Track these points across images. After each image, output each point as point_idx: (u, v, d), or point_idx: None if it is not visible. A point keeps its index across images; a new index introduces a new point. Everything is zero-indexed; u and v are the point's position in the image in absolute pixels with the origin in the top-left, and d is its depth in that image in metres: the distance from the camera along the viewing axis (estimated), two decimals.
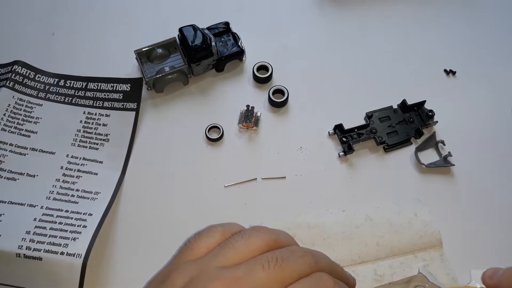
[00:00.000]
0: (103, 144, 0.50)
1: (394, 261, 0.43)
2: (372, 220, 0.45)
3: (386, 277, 0.42)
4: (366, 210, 0.46)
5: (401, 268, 0.43)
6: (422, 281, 0.41)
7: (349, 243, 0.44)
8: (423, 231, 0.44)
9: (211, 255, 0.25)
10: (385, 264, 0.43)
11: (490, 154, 0.50)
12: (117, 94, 0.53)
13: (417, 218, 0.45)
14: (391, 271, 0.43)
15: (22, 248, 0.40)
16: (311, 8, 0.62)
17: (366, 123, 0.51)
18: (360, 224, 0.45)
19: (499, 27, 0.59)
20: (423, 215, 0.45)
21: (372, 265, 0.43)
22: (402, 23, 0.60)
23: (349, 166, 0.50)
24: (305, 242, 0.44)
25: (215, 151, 0.51)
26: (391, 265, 0.43)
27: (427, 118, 0.51)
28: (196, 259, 0.25)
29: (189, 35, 0.52)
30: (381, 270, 0.43)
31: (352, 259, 0.43)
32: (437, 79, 0.56)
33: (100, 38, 0.59)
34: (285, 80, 0.55)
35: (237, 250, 0.25)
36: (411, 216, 0.45)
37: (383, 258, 0.44)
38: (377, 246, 0.44)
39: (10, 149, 0.48)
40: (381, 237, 0.44)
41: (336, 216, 0.46)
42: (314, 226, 0.45)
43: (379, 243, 0.44)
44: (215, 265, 0.24)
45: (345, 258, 0.43)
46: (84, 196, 0.46)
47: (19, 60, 0.54)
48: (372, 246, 0.44)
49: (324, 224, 0.45)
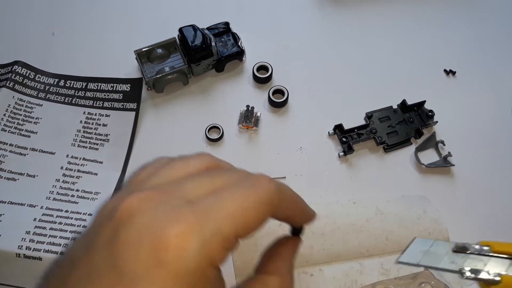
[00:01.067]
0: (103, 144, 0.50)
1: None
2: (383, 214, 0.45)
3: (393, 271, 0.42)
4: (377, 203, 0.46)
5: None
6: (428, 277, 0.42)
7: (358, 236, 0.44)
8: (432, 228, 0.44)
9: (147, 176, 0.24)
10: (392, 258, 0.43)
11: (490, 154, 0.50)
12: (117, 94, 0.53)
13: (426, 215, 0.45)
14: (398, 266, 0.43)
15: (22, 248, 0.40)
16: (311, 8, 0.62)
17: (366, 123, 0.51)
18: (371, 217, 0.45)
19: (499, 27, 0.59)
20: (432, 213, 0.45)
21: (379, 259, 0.43)
22: (402, 23, 0.60)
23: (349, 166, 0.50)
24: (315, 231, 0.44)
25: (215, 151, 0.51)
26: None
27: (427, 118, 0.51)
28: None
29: (189, 35, 0.52)
30: (388, 265, 0.43)
31: (360, 252, 0.43)
32: (437, 79, 0.56)
33: (100, 38, 0.59)
34: (285, 80, 0.55)
35: (173, 168, 0.24)
36: (420, 212, 0.45)
37: (390, 253, 0.44)
38: (386, 240, 0.44)
39: (10, 149, 0.48)
40: (391, 231, 0.44)
41: (347, 208, 0.46)
42: (324, 216, 0.45)
43: (388, 238, 0.44)
44: (148, 183, 0.23)
45: (354, 250, 0.43)
46: (84, 196, 0.46)
47: (19, 60, 0.54)
48: (381, 240, 0.44)
49: (334, 215, 0.45)
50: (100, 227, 0.21)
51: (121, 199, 0.21)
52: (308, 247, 0.43)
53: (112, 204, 0.22)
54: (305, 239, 0.43)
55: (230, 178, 0.23)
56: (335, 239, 0.44)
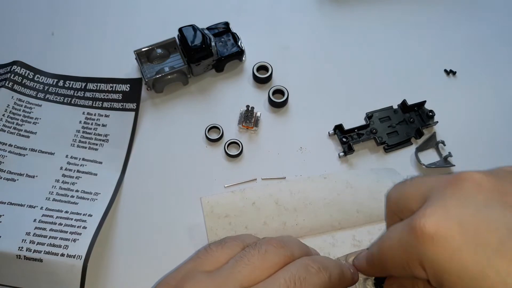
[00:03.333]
0: (102, 145, 0.50)
1: (372, 227, 0.44)
2: (353, 187, 0.46)
3: (364, 242, 0.43)
4: (347, 177, 0.47)
5: (379, 234, 0.43)
6: None
7: (330, 210, 0.45)
8: None
9: (227, 268, 0.25)
10: (364, 230, 0.44)
11: (490, 155, 0.50)
12: (117, 95, 0.53)
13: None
14: (369, 236, 0.43)
15: (22, 249, 0.40)
16: (311, 8, 0.62)
17: (366, 123, 0.51)
18: (341, 191, 0.46)
19: (499, 27, 0.59)
20: None
21: (351, 231, 0.44)
22: (402, 23, 0.60)
23: (350, 167, 0.50)
24: (288, 207, 0.45)
25: (215, 151, 0.51)
26: (370, 231, 0.44)
27: (428, 119, 0.51)
28: (211, 271, 0.25)
29: (189, 35, 0.52)
30: (360, 236, 0.44)
31: (332, 225, 0.44)
32: (437, 79, 0.56)
33: (99, 38, 0.59)
34: (285, 80, 0.55)
35: (254, 266, 0.25)
36: (389, 184, 0.46)
37: (362, 224, 0.44)
38: (357, 213, 0.45)
39: (9, 150, 0.48)
40: (361, 204, 0.45)
41: (318, 183, 0.46)
42: (296, 192, 0.45)
43: (359, 210, 0.45)
44: (232, 283, 0.24)
45: (325, 224, 0.44)
46: (83, 197, 0.46)
47: (18, 60, 0.54)
48: (352, 213, 0.45)
49: (306, 190, 0.46)
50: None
51: (181, 283, 0.25)
52: (281, 223, 0.44)
53: (172, 281, 0.25)
54: (278, 216, 0.44)
55: None
56: (307, 214, 0.44)
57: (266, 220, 0.44)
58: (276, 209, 0.44)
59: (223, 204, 0.44)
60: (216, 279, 0.25)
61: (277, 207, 0.44)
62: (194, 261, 0.27)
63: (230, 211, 0.44)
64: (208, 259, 0.26)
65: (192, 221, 0.46)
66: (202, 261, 0.26)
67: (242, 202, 0.45)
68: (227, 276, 0.25)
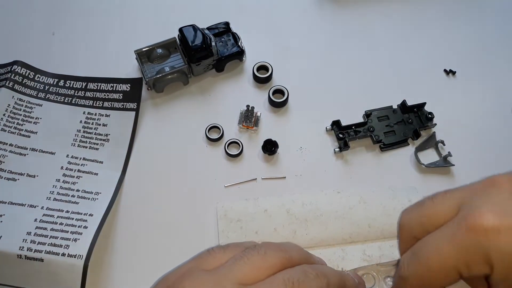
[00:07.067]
0: (103, 144, 0.50)
1: (384, 243, 0.44)
2: (366, 203, 0.46)
3: (375, 258, 0.43)
4: (361, 193, 0.47)
5: (390, 251, 0.43)
6: None
7: (341, 223, 0.45)
8: None
9: (226, 266, 0.25)
10: (375, 245, 0.44)
11: (490, 154, 0.50)
12: (117, 94, 0.53)
13: (411, 204, 0.45)
14: (380, 252, 0.43)
15: (23, 249, 0.40)
16: (311, 8, 0.62)
17: (364, 121, 0.51)
18: (354, 205, 0.46)
19: (499, 27, 0.59)
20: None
21: (362, 246, 0.44)
22: (402, 23, 0.60)
23: (345, 163, 0.50)
24: (299, 217, 0.45)
25: (215, 151, 0.51)
26: (381, 247, 0.44)
27: (426, 120, 0.51)
28: (211, 269, 0.26)
29: (189, 35, 0.52)
30: (370, 251, 0.43)
31: (343, 238, 0.44)
32: (437, 79, 0.56)
33: (100, 38, 0.59)
34: (285, 80, 0.55)
35: (253, 265, 0.25)
36: (405, 202, 0.46)
37: (373, 240, 0.44)
38: (368, 227, 0.44)
39: (10, 150, 0.48)
40: (374, 219, 0.45)
41: (331, 197, 0.46)
42: (308, 203, 0.46)
43: (371, 225, 0.45)
44: (230, 280, 0.24)
45: (336, 236, 0.44)
46: (84, 197, 0.46)
47: (19, 60, 0.54)
48: (364, 228, 0.44)
49: (318, 202, 0.46)
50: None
51: (180, 279, 0.25)
52: (292, 231, 0.44)
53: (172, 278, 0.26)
54: (288, 224, 0.44)
55: None
56: (318, 225, 0.44)
57: (276, 227, 0.44)
58: (287, 218, 0.45)
59: (236, 210, 0.45)
60: (215, 276, 0.25)
61: (288, 216, 0.45)
62: (195, 261, 0.27)
63: (242, 216, 0.45)
64: (209, 260, 0.27)
65: (192, 221, 0.46)
66: (203, 261, 0.27)
67: (254, 209, 0.45)
68: (225, 273, 0.25)
